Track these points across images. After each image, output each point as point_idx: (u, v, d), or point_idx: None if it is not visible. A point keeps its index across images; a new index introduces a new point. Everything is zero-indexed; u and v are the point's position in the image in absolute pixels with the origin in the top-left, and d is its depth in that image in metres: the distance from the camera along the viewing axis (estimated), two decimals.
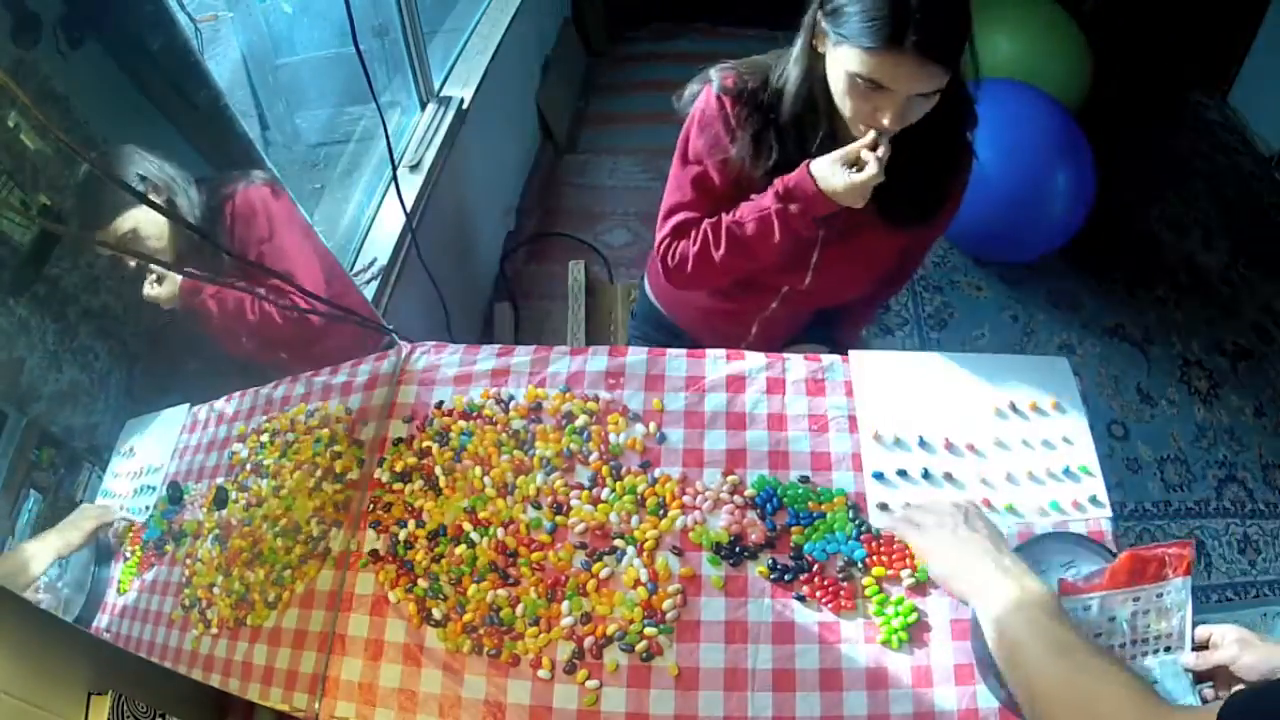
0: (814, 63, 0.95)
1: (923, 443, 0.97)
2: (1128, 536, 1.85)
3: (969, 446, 0.97)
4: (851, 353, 1.03)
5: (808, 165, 0.97)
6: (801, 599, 0.87)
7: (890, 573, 0.88)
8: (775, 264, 1.06)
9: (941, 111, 0.92)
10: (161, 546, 0.78)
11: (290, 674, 0.87)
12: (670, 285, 1.14)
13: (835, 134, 0.98)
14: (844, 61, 0.88)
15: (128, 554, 0.74)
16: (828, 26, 0.89)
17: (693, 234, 1.06)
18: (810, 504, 0.92)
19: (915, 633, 0.85)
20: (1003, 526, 0.90)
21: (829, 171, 0.94)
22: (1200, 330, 2.25)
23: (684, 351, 1.05)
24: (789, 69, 0.97)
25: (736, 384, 1.01)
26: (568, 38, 3.06)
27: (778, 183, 0.99)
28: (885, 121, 0.90)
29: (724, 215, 1.04)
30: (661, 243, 1.09)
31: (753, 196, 1.02)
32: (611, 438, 0.98)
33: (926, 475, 0.94)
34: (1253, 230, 2.51)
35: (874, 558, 0.89)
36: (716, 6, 3.34)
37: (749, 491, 0.94)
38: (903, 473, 0.95)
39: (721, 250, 1.03)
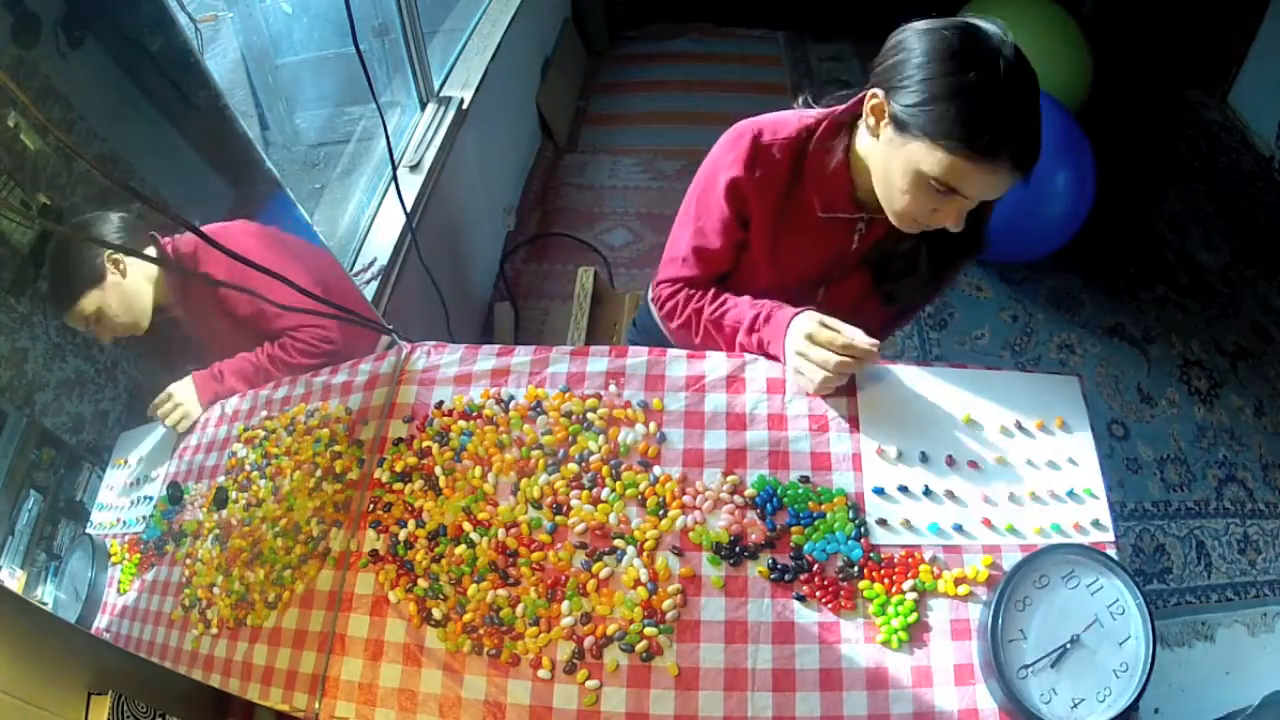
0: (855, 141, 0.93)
1: (925, 459, 0.96)
2: (1128, 536, 1.85)
3: (972, 464, 0.96)
4: None
5: (790, 319, 0.96)
6: (801, 599, 0.87)
7: (893, 591, 0.88)
8: None
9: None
10: (161, 546, 0.78)
11: (290, 674, 0.87)
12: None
13: (871, 221, 0.98)
14: (918, 159, 0.82)
15: (125, 558, 0.74)
16: (901, 115, 0.83)
17: (679, 306, 1.09)
18: (810, 504, 0.92)
19: (915, 633, 0.85)
20: (1004, 544, 0.90)
21: (803, 344, 0.94)
22: (1200, 330, 2.25)
23: (684, 352, 1.04)
24: (834, 143, 0.95)
25: (736, 384, 1.01)
26: (568, 38, 3.06)
27: (760, 314, 1.00)
28: (946, 223, 0.87)
29: (706, 306, 1.06)
30: (663, 287, 1.11)
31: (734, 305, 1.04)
32: (613, 437, 0.98)
33: (927, 492, 0.93)
34: (1253, 230, 2.51)
35: (875, 573, 0.88)
36: (716, 6, 3.34)
37: (749, 491, 0.94)
38: (904, 489, 0.94)
39: (698, 338, 1.07)
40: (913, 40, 0.84)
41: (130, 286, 0.71)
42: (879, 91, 0.86)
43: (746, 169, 0.97)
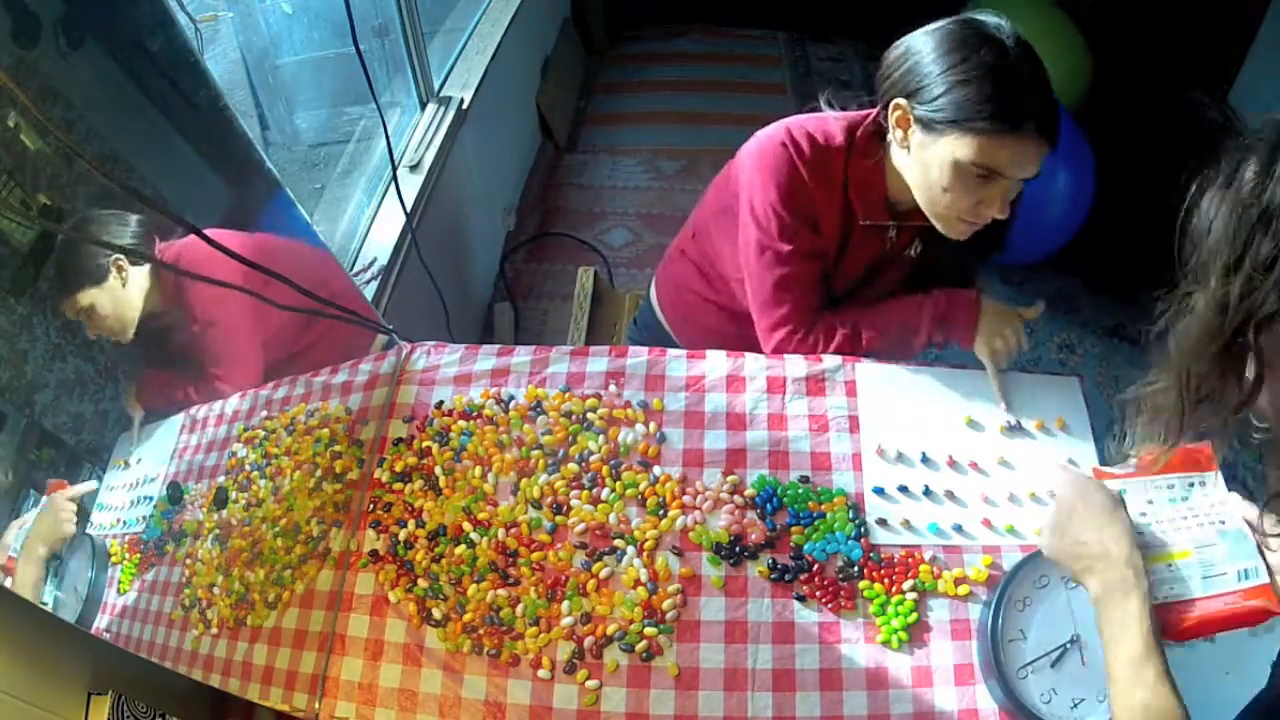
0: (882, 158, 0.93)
1: (925, 459, 0.96)
2: None
3: (973, 464, 0.96)
4: (859, 365, 1.02)
5: (976, 300, 0.98)
6: (801, 599, 0.87)
7: (893, 591, 0.87)
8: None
9: None
10: (162, 546, 0.78)
11: (290, 674, 0.87)
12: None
13: (900, 229, 0.99)
14: (952, 150, 0.83)
15: (125, 558, 0.74)
16: (926, 114, 0.84)
17: (820, 338, 1.03)
18: (810, 504, 0.92)
19: (915, 633, 0.85)
20: (1004, 544, 0.90)
21: (998, 323, 0.97)
22: None
23: (684, 352, 1.04)
24: (871, 151, 0.95)
25: (736, 384, 1.01)
26: (568, 38, 3.06)
27: (938, 304, 0.99)
28: (993, 212, 0.86)
29: (861, 327, 1.02)
30: (782, 334, 1.04)
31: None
32: (613, 437, 0.98)
33: (927, 492, 0.94)
34: None
35: (875, 573, 0.88)
36: (716, 6, 3.34)
37: (749, 491, 0.94)
38: (904, 488, 0.94)
39: (860, 349, 1.03)
40: (918, 44, 0.86)
41: (124, 296, 0.71)
42: (901, 101, 0.87)
43: (811, 174, 0.96)
